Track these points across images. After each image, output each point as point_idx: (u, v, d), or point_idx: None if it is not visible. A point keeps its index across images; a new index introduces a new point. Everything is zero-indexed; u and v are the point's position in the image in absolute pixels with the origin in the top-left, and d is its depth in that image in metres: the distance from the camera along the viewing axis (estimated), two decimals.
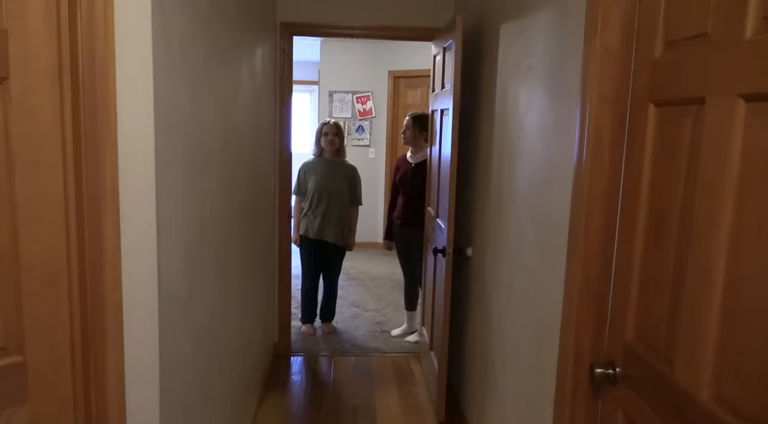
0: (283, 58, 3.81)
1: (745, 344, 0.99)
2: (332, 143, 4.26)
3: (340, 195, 4.26)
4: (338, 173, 4.29)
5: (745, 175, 1.00)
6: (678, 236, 1.19)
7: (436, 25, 3.55)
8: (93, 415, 1.41)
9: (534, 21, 2.13)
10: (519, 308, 2.22)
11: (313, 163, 4.31)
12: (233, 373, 2.56)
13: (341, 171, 4.32)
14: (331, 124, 4.31)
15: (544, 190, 1.95)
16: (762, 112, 0.97)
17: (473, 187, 3.07)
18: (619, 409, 1.42)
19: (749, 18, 1.00)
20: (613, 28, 1.46)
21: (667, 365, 1.21)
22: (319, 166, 4.28)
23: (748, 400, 0.97)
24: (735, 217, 1.02)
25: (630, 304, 1.38)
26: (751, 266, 0.98)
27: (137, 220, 1.43)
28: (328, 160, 4.31)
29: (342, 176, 4.30)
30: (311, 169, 4.29)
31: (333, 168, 4.30)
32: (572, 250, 1.60)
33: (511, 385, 2.30)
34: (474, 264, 3.01)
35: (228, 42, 2.28)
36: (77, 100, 1.32)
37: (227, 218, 2.32)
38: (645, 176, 1.33)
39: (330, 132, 4.26)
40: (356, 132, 7.47)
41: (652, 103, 1.31)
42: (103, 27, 1.33)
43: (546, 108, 1.95)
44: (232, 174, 2.41)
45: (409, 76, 7.05)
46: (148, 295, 1.46)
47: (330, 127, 4.30)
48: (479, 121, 2.98)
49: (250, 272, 2.96)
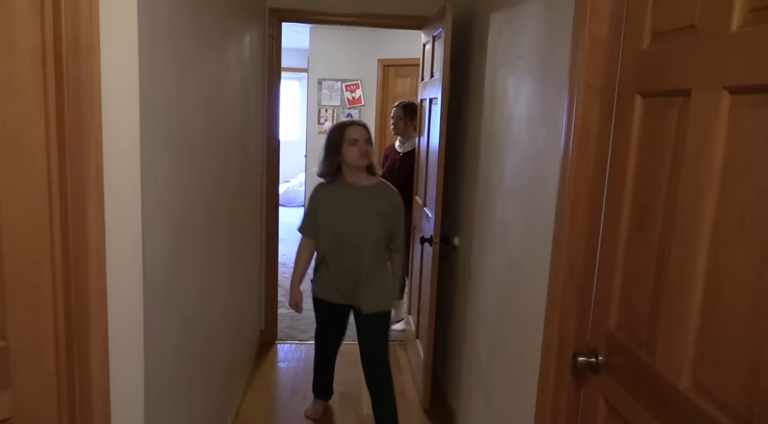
0: (271, 45, 3.78)
1: (724, 334, 1.00)
2: (365, 156, 2.63)
3: (370, 239, 2.64)
4: (370, 205, 2.66)
5: (729, 167, 1.01)
6: (662, 227, 1.20)
7: (426, 13, 3.54)
8: (77, 400, 1.40)
9: (523, 10, 2.13)
10: (505, 296, 2.23)
11: (329, 191, 2.72)
12: (219, 359, 2.56)
13: (374, 201, 2.67)
14: (359, 126, 2.66)
15: (530, 180, 1.95)
16: (746, 104, 0.98)
17: (461, 177, 3.08)
18: (601, 396, 1.44)
19: (736, 10, 1.00)
20: (602, 18, 1.47)
21: (649, 353, 1.23)
22: (337, 194, 2.69)
23: (726, 389, 0.99)
24: (718, 209, 1.03)
25: (613, 293, 1.40)
26: (732, 258, 0.99)
27: (122, 204, 1.42)
28: (353, 185, 2.68)
29: (376, 210, 2.65)
30: (326, 199, 2.71)
31: (361, 197, 2.67)
32: (557, 239, 1.61)
33: (496, 373, 2.32)
34: (461, 253, 3.02)
35: (215, 27, 2.26)
36: (61, 83, 1.30)
37: (214, 204, 2.31)
38: (630, 167, 1.34)
39: (361, 138, 2.62)
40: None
41: (638, 94, 1.32)
42: (87, 11, 1.31)
43: (534, 98, 1.96)
44: (219, 160, 2.39)
45: (398, 65, 7.02)
46: (133, 280, 1.45)
47: (359, 130, 2.64)
48: (468, 110, 2.98)
49: (237, 258, 2.96)
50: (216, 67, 2.28)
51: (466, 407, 2.82)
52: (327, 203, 2.69)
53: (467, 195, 2.94)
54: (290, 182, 9.74)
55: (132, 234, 1.44)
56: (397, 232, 2.75)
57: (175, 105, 1.72)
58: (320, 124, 7.51)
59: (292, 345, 4.09)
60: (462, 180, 3.06)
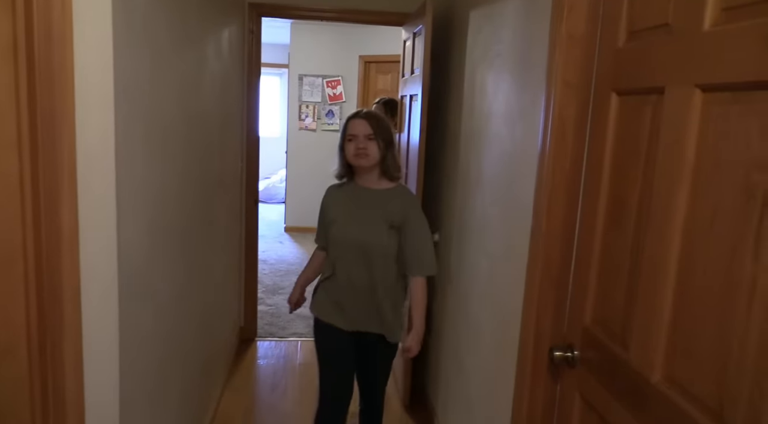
0: (251, 40, 3.75)
1: (694, 328, 1.02)
2: (362, 155, 2.17)
3: (379, 254, 2.18)
4: (376, 213, 2.19)
5: (701, 163, 1.02)
6: (636, 222, 1.22)
7: (407, 10, 3.53)
8: (50, 397, 1.38)
9: (502, 7, 2.14)
10: (483, 292, 2.25)
11: (338, 193, 2.33)
12: (197, 356, 2.54)
13: (383, 209, 2.19)
14: (360, 120, 2.19)
15: (509, 176, 1.97)
16: (717, 102, 0.99)
17: (441, 173, 3.09)
18: (577, 391, 1.45)
19: (708, 9, 1.02)
20: (579, 15, 1.48)
21: (623, 348, 1.24)
22: (344, 197, 2.30)
23: (697, 381, 1.01)
24: (690, 204, 1.05)
25: (589, 288, 1.42)
26: (703, 252, 1.01)
27: (96, 200, 1.40)
28: (362, 188, 2.26)
29: (385, 219, 2.18)
30: (332, 202, 2.34)
31: (368, 203, 2.23)
32: (534, 234, 1.63)
33: (475, 368, 2.33)
34: (442, 249, 3.03)
35: (193, 21, 2.23)
36: (33, 77, 1.27)
37: (191, 200, 2.28)
38: (606, 163, 1.36)
39: (360, 133, 2.16)
40: (326, 117, 7.42)
41: (614, 91, 1.33)
42: (60, 2, 1.29)
43: (512, 94, 1.97)
44: (197, 155, 2.37)
45: (379, 61, 7.01)
46: (107, 277, 1.44)
47: (359, 124, 2.18)
48: (448, 107, 2.99)
49: (216, 254, 2.93)
50: (194, 61, 2.25)
51: (445, 402, 2.84)
52: (333, 207, 2.32)
53: (447, 191, 2.95)
54: (271, 179, 9.68)
55: (106, 231, 1.42)
56: (413, 251, 2.18)
57: (151, 99, 1.70)
58: (301, 121, 7.47)
59: (272, 342, 4.07)
60: (442, 176, 3.07)
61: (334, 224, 2.26)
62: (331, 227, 2.26)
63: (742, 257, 0.91)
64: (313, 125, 7.42)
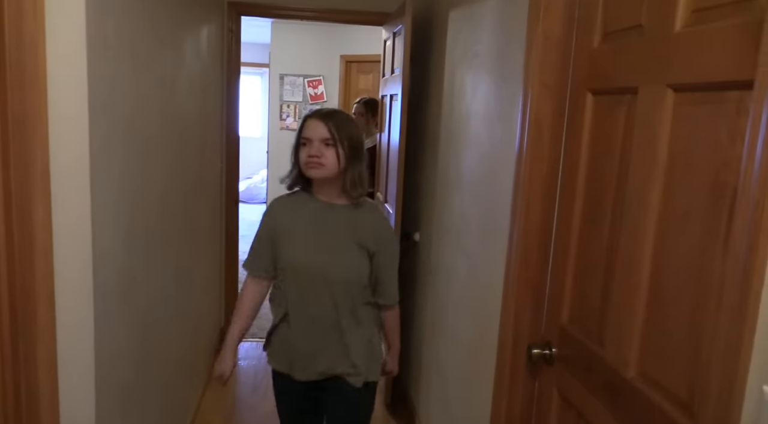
0: (230, 39, 3.72)
1: (666, 324, 1.04)
2: (314, 164, 1.75)
3: (348, 282, 1.81)
4: (346, 233, 1.82)
5: (673, 163, 1.04)
6: (611, 221, 1.23)
7: (387, 9, 3.53)
8: (23, 405, 1.36)
9: (480, 8, 2.15)
10: (462, 291, 2.26)
11: (291, 208, 1.89)
12: (177, 358, 2.52)
13: (354, 228, 1.83)
14: (316, 120, 1.77)
15: (487, 176, 1.98)
16: (688, 102, 1.01)
17: (421, 173, 3.09)
18: (554, 387, 1.47)
19: (679, 11, 1.04)
20: (555, 17, 1.49)
21: (599, 345, 1.26)
22: (301, 213, 1.86)
23: (669, 377, 1.02)
24: (662, 204, 1.06)
25: (566, 286, 1.43)
26: (675, 250, 1.02)
27: (71, 204, 1.38)
28: (325, 203, 1.84)
29: (355, 240, 1.81)
30: (283, 219, 1.88)
31: (334, 221, 1.83)
32: (512, 234, 1.64)
33: (454, 367, 2.34)
34: (421, 249, 3.04)
35: (170, 21, 2.21)
36: (4, 80, 1.26)
37: (169, 201, 2.26)
38: (582, 163, 1.37)
39: (316, 137, 1.75)
40: None
41: (589, 91, 1.35)
42: (32, 4, 1.27)
43: (490, 95, 1.98)
44: (175, 155, 2.35)
45: (361, 61, 7.01)
46: (82, 281, 1.42)
47: (315, 126, 1.76)
48: (428, 107, 3.00)
49: (195, 256, 2.91)
50: (171, 61, 2.23)
51: (427, 401, 2.84)
52: (285, 225, 1.82)
53: (427, 191, 2.96)
54: (252, 179, 9.62)
55: (81, 234, 1.40)
56: (386, 278, 1.85)
57: (127, 100, 1.68)
58: (282, 120, 7.44)
59: (252, 343, 4.05)
60: (422, 176, 3.08)
61: (289, 249, 1.80)
62: (284, 252, 1.80)
63: (712, 255, 0.92)
64: (294, 125, 7.40)
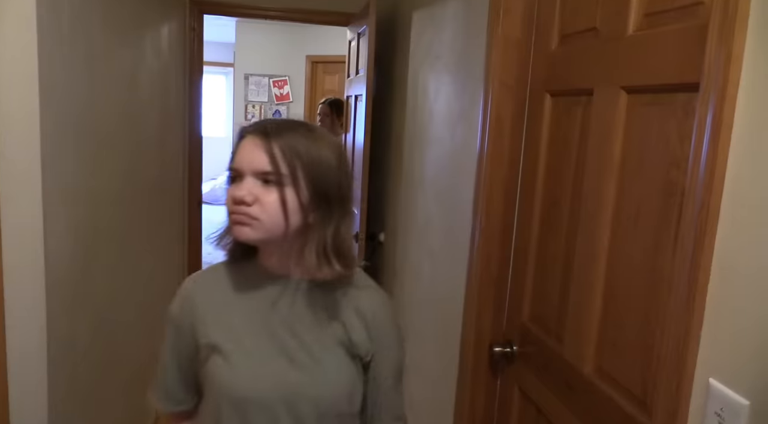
0: (192, 37, 3.66)
1: (621, 320, 1.06)
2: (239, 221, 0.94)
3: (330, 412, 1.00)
4: (322, 331, 1.01)
5: (626, 163, 1.07)
6: (568, 220, 1.26)
7: (352, 10, 3.53)
8: None
9: (442, 9, 2.17)
10: (427, 291, 2.27)
11: (219, 293, 1.04)
12: (138, 361, 2.47)
13: (336, 322, 1.01)
14: (256, 133, 0.95)
15: (450, 176, 1.99)
16: (640, 103, 1.03)
17: (386, 174, 3.10)
18: (516, 384, 1.49)
19: (632, 14, 1.06)
20: (515, 19, 1.51)
21: (558, 342, 1.28)
22: (242, 300, 1.03)
23: (623, 371, 1.05)
24: (616, 202, 1.09)
25: (527, 285, 1.45)
26: (628, 247, 1.05)
27: (21, 204, 1.34)
28: (282, 280, 1.01)
29: (340, 341, 1.01)
30: (207, 314, 1.03)
31: (302, 311, 1.01)
32: (474, 234, 1.65)
33: (419, 366, 2.35)
34: (387, 249, 3.04)
35: (128, 18, 2.16)
36: None
37: (127, 202, 2.21)
38: (541, 163, 1.40)
39: (249, 167, 0.93)
40: (273, 117, 7.34)
41: (548, 93, 1.37)
42: None
43: (452, 95, 1.99)
44: (133, 156, 2.30)
45: (327, 62, 6.98)
46: (33, 283, 1.38)
47: (251, 147, 0.94)
48: (392, 107, 3.01)
49: (156, 257, 2.85)
50: (129, 59, 2.19)
51: None
52: (214, 325, 1.03)
53: (392, 192, 2.96)
54: (217, 180, 9.48)
55: (32, 235, 1.36)
56: (385, 388, 1.09)
57: (82, 99, 1.64)
58: (247, 121, 7.37)
59: None
60: (387, 177, 3.08)
61: (224, 369, 0.99)
62: (217, 374, 1.00)
63: (663, 253, 0.95)
64: None
